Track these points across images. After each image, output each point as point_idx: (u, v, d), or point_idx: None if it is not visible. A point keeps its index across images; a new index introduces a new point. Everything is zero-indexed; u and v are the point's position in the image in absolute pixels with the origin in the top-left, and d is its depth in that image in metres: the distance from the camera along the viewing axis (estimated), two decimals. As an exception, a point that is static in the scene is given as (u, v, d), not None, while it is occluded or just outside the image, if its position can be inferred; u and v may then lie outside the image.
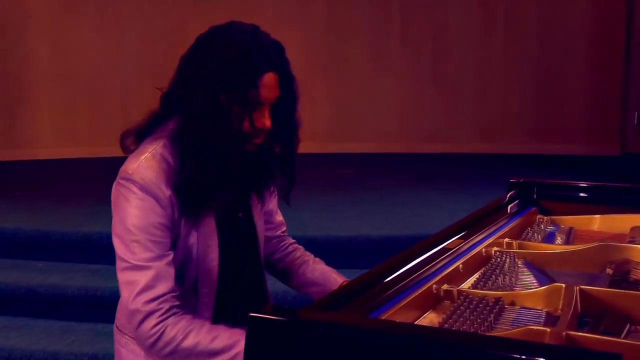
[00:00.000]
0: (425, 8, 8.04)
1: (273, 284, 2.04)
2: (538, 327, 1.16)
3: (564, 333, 1.13)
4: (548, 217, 2.25)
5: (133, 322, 1.59)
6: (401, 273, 1.41)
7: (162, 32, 7.45)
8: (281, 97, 1.71)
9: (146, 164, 1.64)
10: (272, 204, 2.03)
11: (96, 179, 3.52)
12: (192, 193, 1.65)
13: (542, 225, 2.15)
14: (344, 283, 1.91)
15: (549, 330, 1.15)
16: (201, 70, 1.65)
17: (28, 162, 7.20)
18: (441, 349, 0.92)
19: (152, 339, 1.57)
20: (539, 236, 2.02)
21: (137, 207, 1.62)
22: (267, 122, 1.69)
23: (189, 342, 1.56)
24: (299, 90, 1.75)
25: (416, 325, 1.23)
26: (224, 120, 1.64)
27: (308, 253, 2.11)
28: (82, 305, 3.33)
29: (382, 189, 5.52)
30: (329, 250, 3.41)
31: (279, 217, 2.09)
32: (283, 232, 2.11)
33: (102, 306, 3.30)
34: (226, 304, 1.78)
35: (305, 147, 1.86)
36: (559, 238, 2.03)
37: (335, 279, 1.97)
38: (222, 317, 1.75)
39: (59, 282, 3.44)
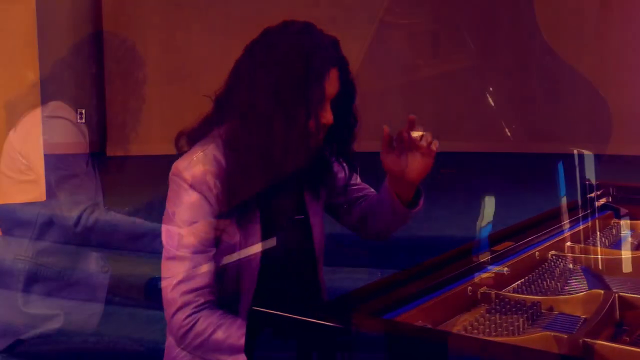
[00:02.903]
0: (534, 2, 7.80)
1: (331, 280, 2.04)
2: (556, 333, 1.11)
3: (580, 340, 1.08)
4: (624, 222, 2.14)
5: (168, 311, 1.65)
6: (434, 274, 1.39)
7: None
8: (341, 91, 1.74)
9: (196, 162, 1.71)
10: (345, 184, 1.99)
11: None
12: (250, 197, 1.69)
13: (614, 230, 2.05)
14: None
15: (566, 336, 1.10)
16: (264, 74, 1.69)
17: (138, 157, 7.48)
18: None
19: (183, 329, 1.61)
20: (607, 241, 1.93)
21: (185, 202, 1.69)
22: (330, 117, 1.72)
23: (218, 335, 1.59)
24: (356, 83, 1.78)
25: (408, 324, 1.20)
26: (289, 120, 1.66)
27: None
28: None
29: (479, 190, 5.39)
30: (410, 250, 3.36)
31: (359, 187, 2.02)
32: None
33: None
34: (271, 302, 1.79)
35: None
36: (629, 244, 1.93)
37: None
38: None
39: (148, 273, 3.56)
